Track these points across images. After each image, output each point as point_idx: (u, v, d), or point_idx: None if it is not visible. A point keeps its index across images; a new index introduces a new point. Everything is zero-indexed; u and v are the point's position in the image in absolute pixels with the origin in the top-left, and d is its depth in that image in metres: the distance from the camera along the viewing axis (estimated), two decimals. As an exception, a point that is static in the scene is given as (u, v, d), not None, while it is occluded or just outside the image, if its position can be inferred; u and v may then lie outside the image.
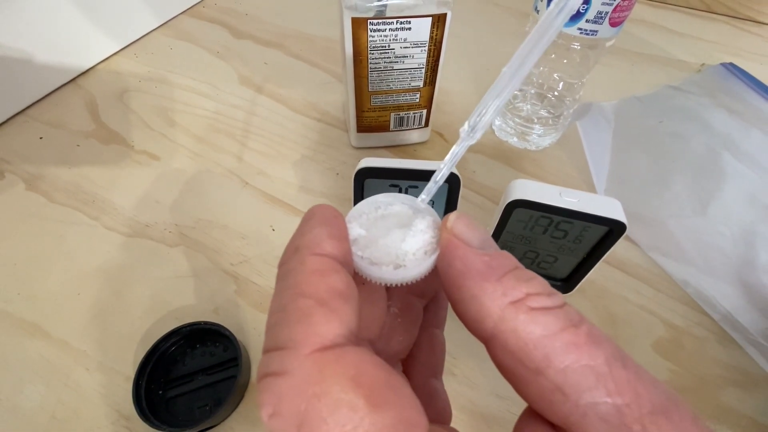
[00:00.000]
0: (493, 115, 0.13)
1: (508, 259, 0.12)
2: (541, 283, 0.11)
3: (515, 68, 0.13)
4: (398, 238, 0.13)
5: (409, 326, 0.16)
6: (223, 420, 0.27)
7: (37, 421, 0.27)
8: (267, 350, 0.11)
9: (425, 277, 0.13)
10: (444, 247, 0.12)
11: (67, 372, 0.29)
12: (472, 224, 0.13)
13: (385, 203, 0.15)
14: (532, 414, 0.11)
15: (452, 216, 0.13)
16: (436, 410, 0.16)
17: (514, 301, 0.11)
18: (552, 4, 0.12)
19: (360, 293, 0.12)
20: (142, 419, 0.25)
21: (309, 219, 0.13)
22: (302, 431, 0.09)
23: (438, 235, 0.13)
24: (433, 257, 0.13)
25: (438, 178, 0.14)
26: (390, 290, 0.16)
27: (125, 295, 0.32)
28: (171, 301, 0.32)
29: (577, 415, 0.10)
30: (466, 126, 0.14)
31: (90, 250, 0.34)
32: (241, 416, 0.27)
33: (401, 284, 0.13)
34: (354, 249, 0.13)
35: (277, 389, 0.09)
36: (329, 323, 0.10)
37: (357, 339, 0.11)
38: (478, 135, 0.14)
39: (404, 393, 0.10)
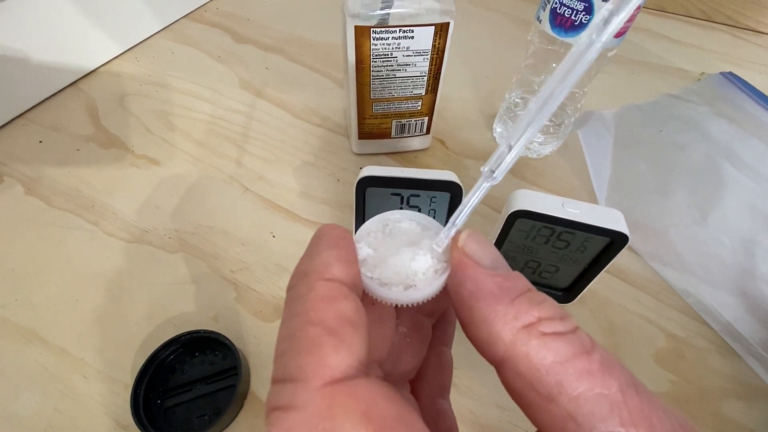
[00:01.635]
0: (514, 157, 0.13)
1: (521, 280, 0.12)
2: (553, 306, 0.11)
3: (535, 111, 0.12)
4: (408, 258, 0.13)
5: (418, 345, 0.16)
6: (222, 430, 0.26)
7: (33, 430, 0.26)
8: (276, 381, 0.10)
9: (435, 296, 0.13)
10: (455, 266, 0.12)
11: (64, 380, 0.28)
12: (484, 242, 0.12)
13: (393, 220, 0.15)
14: None
15: (463, 234, 0.13)
16: (444, 430, 0.15)
17: (526, 325, 0.11)
18: (583, 35, 0.12)
19: (369, 314, 0.12)
20: (140, 429, 0.24)
21: (317, 242, 0.12)
22: None
23: (448, 252, 0.13)
24: (444, 276, 0.13)
25: (457, 221, 0.13)
26: (399, 310, 0.15)
27: (124, 301, 0.32)
28: (170, 308, 0.31)
29: None
30: (486, 168, 0.13)
31: (89, 255, 0.34)
32: (240, 426, 0.27)
33: (412, 305, 0.13)
34: (363, 270, 0.13)
35: (287, 425, 0.09)
36: (339, 354, 0.10)
37: (366, 368, 0.11)
38: (499, 177, 0.13)
39: (415, 426, 0.10)
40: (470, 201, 0.13)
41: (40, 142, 0.42)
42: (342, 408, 0.09)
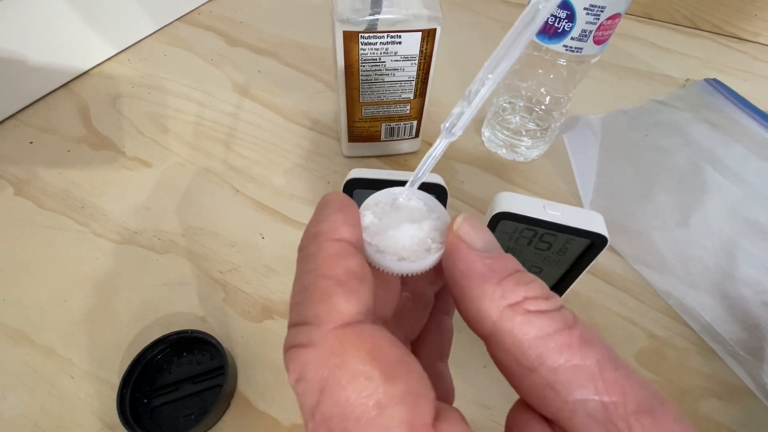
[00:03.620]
0: (471, 115, 0.14)
1: (510, 262, 0.12)
2: (540, 286, 0.12)
3: (491, 68, 0.14)
4: (406, 232, 0.14)
5: (420, 311, 0.17)
6: (208, 429, 0.27)
7: (19, 430, 0.27)
8: (292, 326, 0.11)
9: (434, 269, 0.14)
10: (449, 247, 0.13)
11: (51, 380, 0.28)
12: (478, 227, 0.13)
13: (404, 196, 0.15)
14: (524, 405, 0.12)
15: (459, 218, 0.13)
16: (441, 391, 0.16)
17: (512, 303, 0.11)
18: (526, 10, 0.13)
19: (375, 277, 0.13)
20: (127, 428, 0.25)
21: (324, 206, 0.13)
22: (324, 395, 0.10)
23: (444, 234, 0.14)
24: (436, 255, 0.14)
25: (420, 174, 0.15)
26: (403, 277, 0.16)
27: (113, 302, 0.32)
28: (159, 308, 0.32)
29: (567, 411, 0.10)
30: (446, 125, 0.14)
31: (78, 256, 0.34)
32: (226, 425, 0.27)
33: (402, 275, 0.14)
34: (364, 235, 0.14)
35: (303, 358, 0.11)
36: (349, 302, 0.11)
37: (373, 317, 0.12)
38: (458, 133, 0.14)
39: (414, 369, 0.11)
40: (431, 155, 0.14)
41: (31, 143, 0.42)
42: (351, 346, 0.10)
